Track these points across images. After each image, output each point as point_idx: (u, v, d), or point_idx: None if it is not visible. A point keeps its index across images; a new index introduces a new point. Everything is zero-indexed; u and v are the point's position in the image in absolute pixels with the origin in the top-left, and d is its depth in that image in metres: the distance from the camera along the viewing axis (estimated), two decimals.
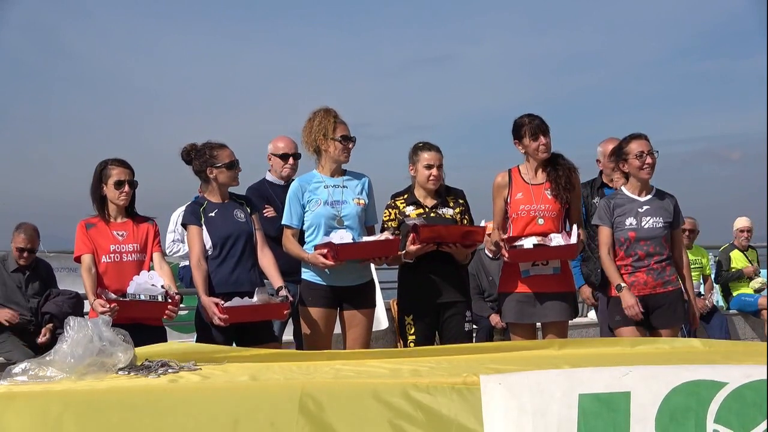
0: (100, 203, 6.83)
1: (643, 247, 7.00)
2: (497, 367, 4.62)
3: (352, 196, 7.05)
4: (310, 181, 7.10)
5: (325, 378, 4.63)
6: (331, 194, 7.01)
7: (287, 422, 4.37)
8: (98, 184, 6.82)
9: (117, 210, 6.83)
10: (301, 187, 7.09)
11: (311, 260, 6.90)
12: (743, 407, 4.34)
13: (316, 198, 7.00)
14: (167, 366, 4.80)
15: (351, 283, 7.03)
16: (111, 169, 6.80)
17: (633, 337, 6.90)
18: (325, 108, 7.09)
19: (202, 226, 6.82)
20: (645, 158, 7.04)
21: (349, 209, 6.98)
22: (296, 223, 7.06)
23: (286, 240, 7.08)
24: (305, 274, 7.03)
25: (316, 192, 7.03)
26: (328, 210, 6.94)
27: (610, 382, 4.39)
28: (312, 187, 7.06)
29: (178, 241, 9.87)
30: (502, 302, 7.27)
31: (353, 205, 7.02)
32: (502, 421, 4.32)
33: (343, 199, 7.02)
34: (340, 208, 6.97)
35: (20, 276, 9.46)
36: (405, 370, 4.73)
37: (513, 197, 7.07)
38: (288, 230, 7.08)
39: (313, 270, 6.99)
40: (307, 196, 7.04)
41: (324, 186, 7.04)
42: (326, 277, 6.96)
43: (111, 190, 6.78)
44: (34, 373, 4.61)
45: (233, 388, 4.56)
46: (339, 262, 6.78)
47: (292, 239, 7.06)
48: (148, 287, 6.62)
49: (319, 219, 6.94)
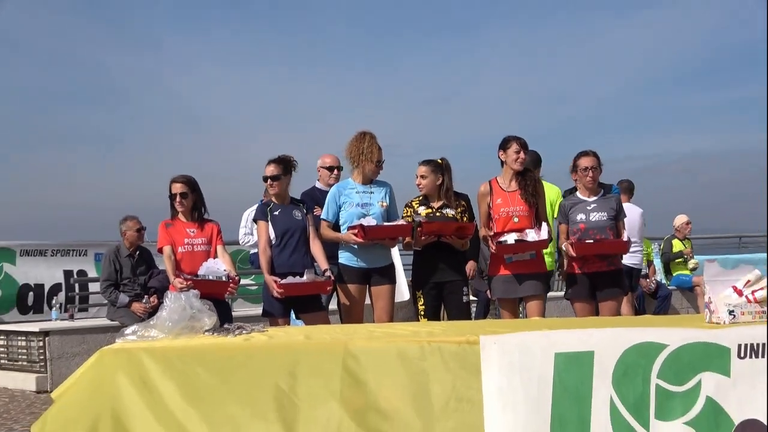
0: (173, 208, 6.92)
1: (591, 236, 7.01)
2: (494, 330, 4.61)
3: (377, 200, 7.09)
4: (346, 187, 7.15)
5: (361, 338, 4.64)
6: (361, 198, 7.05)
7: (332, 373, 4.39)
8: (169, 194, 6.91)
9: (183, 214, 6.90)
10: (338, 191, 7.14)
11: (345, 238, 6.95)
12: (680, 365, 4.33)
13: (350, 201, 7.04)
14: (242, 328, 4.83)
15: (376, 264, 7.04)
16: (172, 184, 6.91)
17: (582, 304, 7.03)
18: (371, 133, 7.13)
19: (268, 222, 6.88)
20: (588, 172, 7.09)
21: (375, 210, 7.01)
22: (331, 218, 7.10)
23: (323, 229, 7.11)
24: (342, 258, 7.07)
25: (350, 196, 7.07)
26: (359, 210, 6.98)
27: (579, 343, 4.39)
28: (347, 192, 7.10)
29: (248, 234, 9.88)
30: (491, 282, 7.28)
31: (378, 207, 7.04)
32: (496, 373, 4.32)
33: (371, 202, 7.05)
34: (367, 209, 7.01)
35: (131, 260, 9.52)
36: (422, 332, 4.74)
37: (494, 202, 7.07)
38: (324, 222, 7.13)
39: (348, 254, 7.04)
40: (342, 198, 7.08)
41: (356, 192, 7.08)
42: (357, 260, 7.01)
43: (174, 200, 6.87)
44: (141, 333, 4.66)
45: (292, 344, 4.59)
46: (367, 240, 6.82)
47: (328, 229, 7.10)
48: (215, 270, 6.70)
49: (351, 217, 6.98)
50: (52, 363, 9.29)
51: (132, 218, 9.65)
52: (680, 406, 4.29)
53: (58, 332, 9.47)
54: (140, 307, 9.26)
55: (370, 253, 7.01)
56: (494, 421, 4.27)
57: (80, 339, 9.51)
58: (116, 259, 9.47)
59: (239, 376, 4.40)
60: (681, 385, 4.31)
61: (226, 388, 4.38)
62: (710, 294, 4.76)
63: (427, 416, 4.30)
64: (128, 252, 9.52)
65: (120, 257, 9.49)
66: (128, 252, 9.52)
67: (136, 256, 9.56)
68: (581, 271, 7.04)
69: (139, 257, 9.60)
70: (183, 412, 4.33)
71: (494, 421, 4.27)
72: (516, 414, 4.26)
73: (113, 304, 9.43)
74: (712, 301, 4.73)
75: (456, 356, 4.37)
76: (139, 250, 9.64)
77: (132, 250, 9.55)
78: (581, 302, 7.07)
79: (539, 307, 6.97)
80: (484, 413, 4.29)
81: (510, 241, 6.90)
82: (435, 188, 7.20)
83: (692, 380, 4.32)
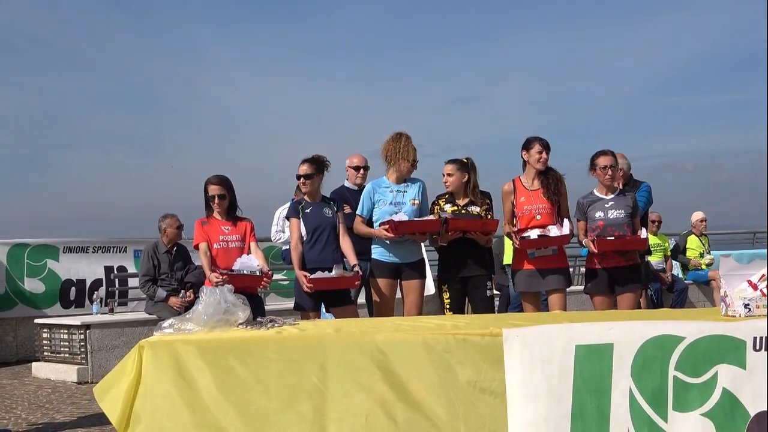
0: (208, 207, 6.94)
1: (609, 232, 6.98)
2: (516, 323, 4.59)
3: (410, 198, 7.11)
4: (380, 185, 7.18)
5: (388, 331, 4.63)
6: (395, 197, 7.09)
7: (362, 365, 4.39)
8: (205, 194, 6.93)
9: (219, 213, 6.92)
10: (373, 189, 7.18)
11: (376, 233, 6.99)
12: (696, 357, 4.29)
13: (384, 198, 7.09)
14: (274, 321, 4.83)
15: (407, 260, 7.07)
16: (208, 185, 6.95)
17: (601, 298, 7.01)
18: (407, 134, 7.17)
19: (300, 219, 6.90)
20: (607, 170, 7.06)
21: (407, 208, 7.04)
22: (365, 214, 7.14)
23: (357, 224, 7.16)
24: (374, 254, 7.10)
25: (384, 194, 7.11)
26: (392, 208, 7.02)
27: (599, 335, 4.36)
28: (381, 189, 7.14)
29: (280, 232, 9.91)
30: (514, 276, 7.28)
31: (409, 205, 7.07)
32: (518, 365, 4.30)
33: (403, 201, 7.09)
34: (400, 207, 7.03)
35: (168, 256, 9.56)
36: (448, 325, 4.72)
37: (518, 200, 7.08)
38: (359, 218, 7.17)
39: (379, 249, 7.07)
40: (377, 196, 7.13)
41: (390, 191, 7.12)
42: (389, 256, 7.03)
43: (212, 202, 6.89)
44: (178, 326, 4.67)
45: (322, 337, 4.58)
46: (397, 235, 6.84)
47: (362, 224, 7.15)
48: (249, 265, 6.74)
49: (383, 215, 7.00)
50: (93, 355, 9.37)
51: (171, 216, 9.70)
52: (697, 397, 4.25)
53: (99, 325, 9.55)
54: (177, 301, 9.31)
55: (402, 248, 7.05)
56: (516, 412, 4.26)
57: (119, 332, 9.59)
58: (154, 255, 9.53)
59: (272, 368, 4.41)
60: (698, 377, 4.28)
61: (258, 380, 4.38)
62: (726, 288, 4.71)
63: (452, 407, 4.29)
64: (166, 248, 9.57)
65: (158, 253, 9.54)
66: (166, 248, 9.57)
67: (173, 253, 9.61)
68: (600, 267, 7.02)
69: (177, 253, 9.65)
70: (216, 404, 4.35)
71: (516, 412, 4.26)
72: (537, 405, 4.25)
73: (151, 298, 9.49)
74: (728, 295, 4.68)
75: (480, 348, 4.36)
76: (176, 246, 9.69)
77: (170, 247, 9.60)
78: (600, 296, 7.04)
79: (561, 301, 6.97)
80: (507, 404, 4.28)
81: (533, 237, 6.90)
82: (461, 186, 7.17)
83: (709, 372, 4.28)
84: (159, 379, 4.42)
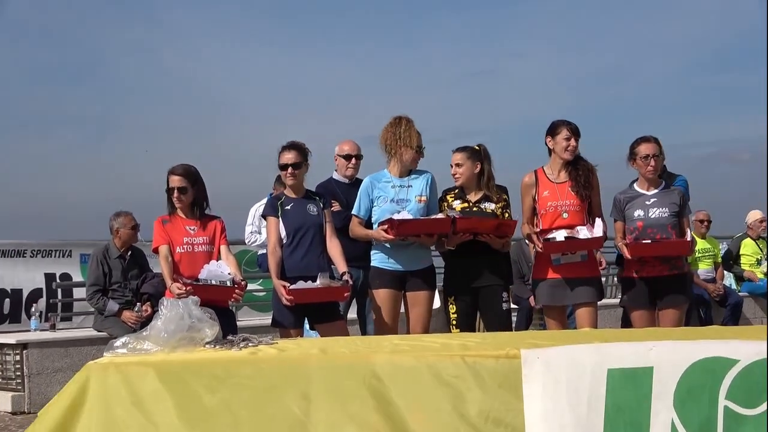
0: (171, 203, 6.92)
1: (650, 235, 6.98)
2: (536, 342, 4.60)
3: (415, 194, 7.06)
4: (380, 179, 7.15)
5: (384, 352, 4.63)
6: (398, 193, 7.04)
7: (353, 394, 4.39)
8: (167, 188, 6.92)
9: (182, 210, 6.90)
10: (372, 184, 7.15)
11: (374, 236, 6.97)
12: (751, 385, 4.29)
13: (384, 195, 7.05)
14: (248, 340, 4.84)
15: (412, 267, 7.04)
16: (170, 176, 6.90)
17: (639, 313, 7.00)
18: (407, 117, 7.15)
19: (279, 218, 6.87)
20: (650, 161, 7.04)
21: (411, 206, 6.99)
22: (363, 214, 7.11)
23: (354, 226, 7.14)
24: (374, 261, 7.09)
25: (385, 190, 7.08)
26: (393, 207, 6.97)
27: (636, 357, 4.37)
28: (381, 185, 7.11)
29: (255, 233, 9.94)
30: (535, 287, 7.26)
31: (415, 202, 7.02)
32: (540, 392, 4.31)
33: (408, 197, 7.04)
34: (403, 205, 7.00)
35: (121, 262, 9.54)
36: (454, 345, 4.73)
37: (540, 195, 7.06)
38: (356, 219, 7.15)
39: (379, 255, 7.06)
40: (376, 192, 7.09)
41: (392, 186, 7.09)
42: (391, 262, 7.01)
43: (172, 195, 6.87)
44: (133, 346, 4.68)
45: (305, 359, 4.59)
46: (398, 237, 6.82)
47: (359, 226, 7.12)
48: (218, 274, 6.69)
49: (384, 214, 6.96)
50: (31, 380, 9.33)
51: (125, 214, 9.67)
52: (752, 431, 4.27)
53: (38, 344, 9.50)
54: (132, 316, 9.29)
55: (406, 253, 7.02)
56: None
57: (63, 352, 9.55)
58: (105, 261, 9.50)
59: (245, 396, 4.41)
60: (753, 408, 4.28)
61: (229, 410, 4.39)
62: None
63: None
64: (119, 253, 9.54)
65: (109, 259, 9.52)
66: (119, 253, 9.54)
67: (127, 258, 9.58)
68: (639, 276, 7.01)
69: (131, 259, 9.62)
70: None
71: None
72: None
73: (101, 312, 9.46)
74: None
75: (493, 373, 4.37)
76: (131, 250, 9.66)
77: (123, 251, 9.58)
78: (639, 310, 7.04)
79: (591, 316, 6.93)
80: None
81: (559, 239, 6.87)
82: (473, 178, 7.14)
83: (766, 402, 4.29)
84: (109, 408, 4.42)
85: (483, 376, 4.37)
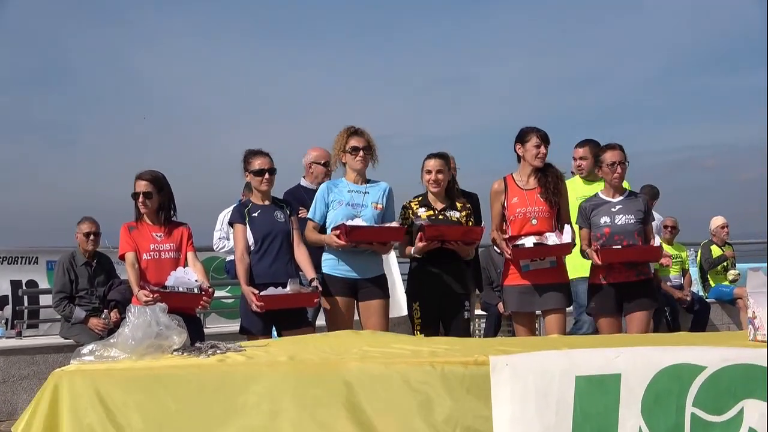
0: (137, 209, 6.90)
1: (617, 241, 7.04)
2: (505, 349, 4.61)
3: (371, 201, 7.06)
4: (337, 184, 7.16)
5: (354, 359, 4.62)
6: (353, 198, 7.04)
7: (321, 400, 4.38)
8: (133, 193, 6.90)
9: (147, 216, 6.89)
10: (328, 188, 7.14)
11: (327, 241, 6.96)
12: (719, 391, 4.31)
13: (339, 199, 7.04)
14: (216, 347, 4.82)
15: (365, 275, 7.03)
16: (136, 182, 6.91)
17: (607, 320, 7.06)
18: (345, 127, 7.16)
19: (246, 225, 6.86)
20: (616, 168, 7.11)
21: (367, 212, 6.99)
22: (318, 218, 7.10)
23: (308, 231, 7.12)
24: (324, 267, 7.06)
25: (341, 194, 7.07)
26: (348, 210, 6.96)
27: (603, 364, 4.38)
28: (338, 189, 7.11)
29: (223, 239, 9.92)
30: (504, 294, 7.29)
31: (371, 208, 7.02)
32: (508, 398, 4.31)
33: (363, 203, 7.03)
34: (359, 210, 6.98)
35: (88, 269, 9.49)
36: (424, 352, 4.72)
37: (509, 201, 7.09)
38: (311, 223, 7.13)
39: (331, 261, 7.03)
40: (332, 196, 7.08)
41: (348, 191, 7.08)
42: (341, 269, 6.99)
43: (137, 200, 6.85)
44: (100, 353, 4.64)
45: (274, 366, 4.57)
46: (351, 243, 6.79)
47: (313, 230, 7.11)
48: (185, 281, 6.69)
49: (338, 218, 6.95)
50: None
51: (89, 220, 9.62)
52: None
53: (4, 352, 9.45)
54: (99, 323, 9.24)
55: (358, 260, 7.00)
56: None
57: (29, 360, 9.49)
58: (71, 268, 9.44)
59: (213, 404, 4.39)
60: (720, 415, 4.31)
61: (196, 418, 4.36)
62: (754, 308, 4.75)
63: None
64: (85, 260, 9.49)
65: (76, 265, 9.46)
66: (85, 260, 9.49)
67: (94, 265, 9.53)
68: (606, 282, 7.05)
69: (98, 265, 9.57)
70: None
71: None
72: None
73: (67, 319, 9.41)
74: (757, 316, 4.73)
75: (462, 379, 4.36)
76: (97, 257, 9.61)
77: (89, 258, 9.52)
78: (606, 317, 7.08)
79: (560, 323, 6.98)
80: None
81: (528, 245, 6.91)
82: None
83: (733, 408, 4.31)
84: (75, 417, 4.38)
85: (452, 382, 4.36)
